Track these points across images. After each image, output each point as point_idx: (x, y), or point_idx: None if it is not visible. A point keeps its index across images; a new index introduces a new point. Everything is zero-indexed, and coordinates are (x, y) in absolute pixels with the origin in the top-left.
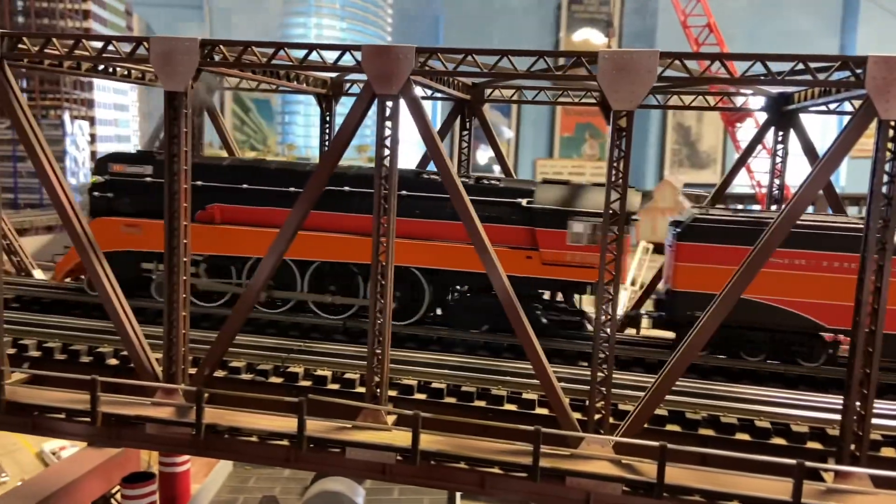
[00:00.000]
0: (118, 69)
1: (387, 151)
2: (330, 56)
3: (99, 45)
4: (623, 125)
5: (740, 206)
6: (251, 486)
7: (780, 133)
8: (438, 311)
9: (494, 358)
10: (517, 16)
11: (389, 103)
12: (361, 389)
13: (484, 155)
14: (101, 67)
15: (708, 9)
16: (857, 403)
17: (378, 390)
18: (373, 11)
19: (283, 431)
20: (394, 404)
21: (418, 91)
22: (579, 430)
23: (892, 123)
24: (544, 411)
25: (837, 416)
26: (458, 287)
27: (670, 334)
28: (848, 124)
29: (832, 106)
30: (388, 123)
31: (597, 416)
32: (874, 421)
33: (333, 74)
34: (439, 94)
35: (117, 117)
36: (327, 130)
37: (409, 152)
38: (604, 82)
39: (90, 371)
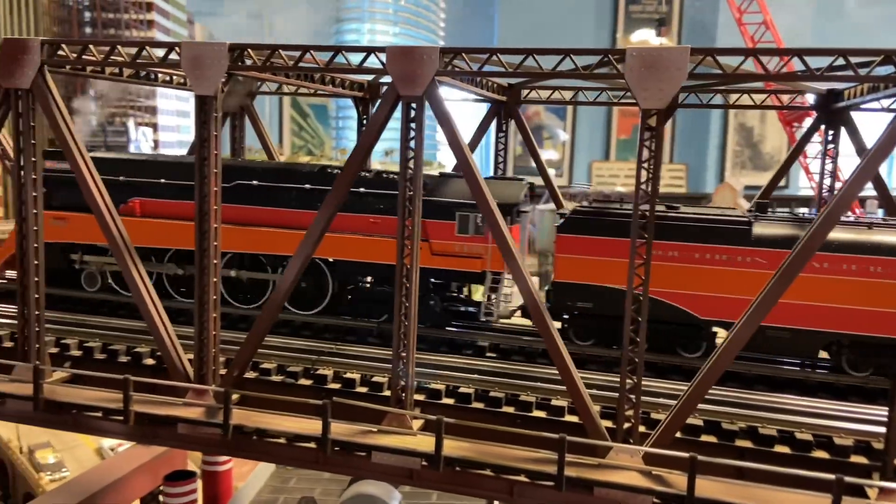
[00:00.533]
0: (160, 75)
1: (411, 154)
2: (356, 58)
3: (134, 51)
4: (653, 125)
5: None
6: (291, 487)
7: (831, 132)
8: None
9: (526, 363)
10: (574, 17)
11: (414, 105)
12: (389, 393)
13: (541, 156)
14: (142, 74)
15: (764, 6)
16: None
17: (403, 394)
18: (425, 16)
19: (307, 434)
20: (421, 409)
21: (455, 94)
22: (608, 438)
23: None
24: (574, 419)
25: (883, 429)
26: (360, 278)
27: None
28: (893, 121)
29: (885, 103)
30: (413, 125)
31: (626, 425)
32: None
33: (370, 77)
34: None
35: (179, 123)
36: None
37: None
38: (631, 80)
39: (128, 371)
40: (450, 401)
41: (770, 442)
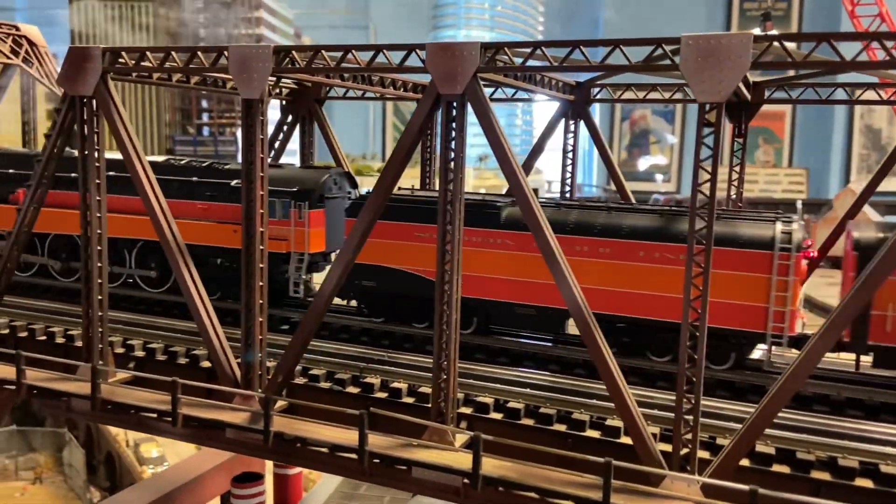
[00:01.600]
0: (228, 82)
1: (452, 155)
2: (398, 58)
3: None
4: (711, 120)
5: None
6: (361, 494)
7: None
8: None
9: (583, 378)
10: (683, 14)
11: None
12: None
13: (645, 162)
14: (209, 81)
15: None
16: None
17: (444, 407)
18: (522, 20)
19: (344, 444)
20: (468, 422)
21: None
22: (663, 465)
23: None
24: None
25: None
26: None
27: None
28: None
29: None
30: (454, 125)
31: (683, 451)
32: None
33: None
34: (543, 97)
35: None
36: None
37: (551, 159)
38: (687, 72)
39: (187, 372)
40: (498, 415)
41: (850, 474)
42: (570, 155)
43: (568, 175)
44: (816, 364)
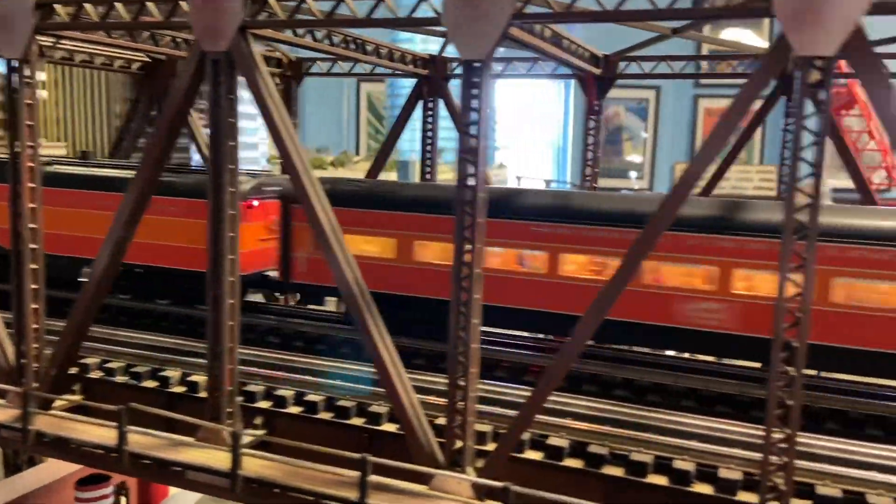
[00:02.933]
0: None
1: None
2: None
3: None
4: (475, 80)
5: None
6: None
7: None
8: None
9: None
10: None
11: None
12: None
13: (619, 159)
14: None
15: None
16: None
17: (220, 401)
18: None
19: (102, 444)
20: (264, 417)
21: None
22: (440, 458)
23: None
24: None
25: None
26: None
27: None
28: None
29: None
30: (223, 91)
31: (457, 445)
32: None
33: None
34: (399, 72)
35: (245, 126)
36: None
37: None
38: (450, 25)
39: None
40: (297, 409)
41: (643, 470)
42: (429, 134)
43: (428, 157)
44: (587, 340)
